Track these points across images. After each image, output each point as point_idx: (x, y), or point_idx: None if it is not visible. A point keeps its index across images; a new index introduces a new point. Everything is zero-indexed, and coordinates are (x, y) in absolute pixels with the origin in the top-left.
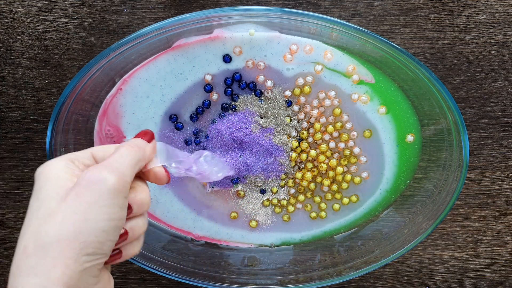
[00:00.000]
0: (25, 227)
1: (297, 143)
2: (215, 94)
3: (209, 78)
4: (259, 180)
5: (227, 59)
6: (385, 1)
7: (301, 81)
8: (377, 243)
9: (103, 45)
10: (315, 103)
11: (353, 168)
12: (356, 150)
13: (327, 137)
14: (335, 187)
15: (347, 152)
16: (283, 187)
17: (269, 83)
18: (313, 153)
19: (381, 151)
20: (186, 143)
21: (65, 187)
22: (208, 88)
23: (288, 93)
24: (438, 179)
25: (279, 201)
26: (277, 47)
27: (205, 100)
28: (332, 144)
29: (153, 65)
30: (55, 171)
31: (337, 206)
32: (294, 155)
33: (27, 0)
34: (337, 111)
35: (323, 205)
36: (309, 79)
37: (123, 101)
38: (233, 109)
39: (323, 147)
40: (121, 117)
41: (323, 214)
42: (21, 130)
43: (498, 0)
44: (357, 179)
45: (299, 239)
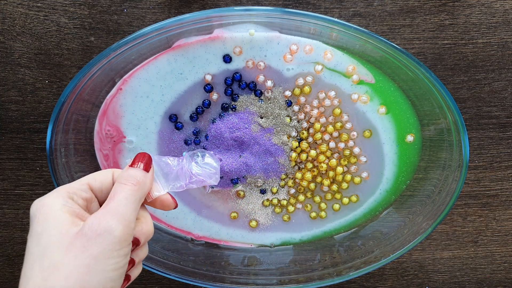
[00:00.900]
0: (27, 277)
1: (297, 143)
2: (215, 94)
3: (209, 78)
4: (259, 180)
5: (227, 59)
6: (385, 1)
7: (301, 81)
8: (377, 243)
9: (103, 45)
10: (315, 103)
11: (353, 168)
12: (356, 150)
13: (327, 137)
14: (335, 187)
15: (347, 152)
16: (283, 187)
17: (269, 83)
18: (313, 153)
19: (381, 151)
20: (186, 143)
21: (69, 234)
22: (208, 88)
23: (288, 93)
24: (438, 179)
25: (279, 201)
26: (277, 47)
27: (205, 100)
28: (332, 144)
29: (153, 65)
30: (54, 214)
31: (337, 206)
32: (294, 155)
33: (27, 0)
34: (337, 111)
35: (323, 205)
36: (309, 79)
37: (123, 101)
38: (233, 109)
39: (323, 147)
40: (121, 117)
41: (323, 214)
42: (21, 130)
43: (498, 0)
44: (357, 179)
45: (299, 239)
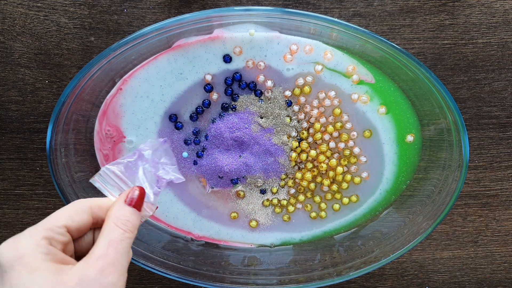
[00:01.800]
0: None
1: (297, 143)
2: (215, 94)
3: (209, 78)
4: (259, 180)
5: (227, 59)
6: (385, 1)
7: (301, 81)
8: (377, 243)
9: (103, 45)
10: (315, 103)
11: (353, 168)
12: (356, 150)
13: (327, 137)
14: (335, 187)
15: (347, 152)
16: (283, 187)
17: (269, 83)
18: (313, 153)
19: (381, 151)
20: (185, 143)
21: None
22: (208, 88)
23: (288, 93)
24: (438, 179)
25: (279, 201)
26: (277, 47)
27: (205, 99)
28: (332, 144)
29: (153, 65)
30: (39, 265)
31: (337, 206)
32: (294, 155)
33: (27, 0)
34: (337, 111)
35: (323, 205)
36: (309, 79)
37: (123, 101)
38: (233, 109)
39: (323, 147)
40: (121, 117)
41: (323, 214)
42: (21, 130)
43: (498, 0)
44: (357, 179)
45: (299, 239)
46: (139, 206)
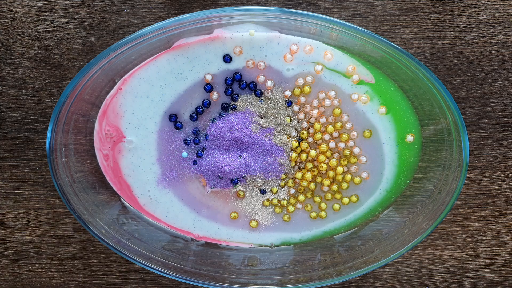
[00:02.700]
0: None
1: (297, 143)
2: (215, 93)
3: (209, 77)
4: (259, 180)
5: (227, 59)
6: (385, 1)
7: (301, 81)
8: (377, 243)
9: (103, 45)
10: (315, 103)
11: (353, 168)
12: (356, 150)
13: (327, 137)
14: (335, 187)
15: (347, 152)
16: (283, 187)
17: (269, 83)
18: (313, 153)
19: (381, 151)
20: (185, 143)
21: None
22: (208, 87)
23: (288, 93)
24: (438, 179)
25: (279, 201)
26: (277, 47)
27: (205, 99)
28: (332, 144)
29: (153, 65)
30: None
31: (337, 206)
32: (294, 155)
33: (27, 0)
34: (337, 111)
35: (323, 205)
36: (309, 79)
37: (123, 101)
38: (233, 109)
39: (323, 147)
40: (121, 117)
41: (323, 214)
42: (21, 130)
43: (498, 0)
44: (357, 179)
45: (299, 239)
46: None
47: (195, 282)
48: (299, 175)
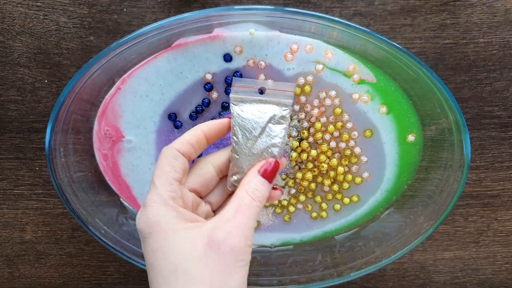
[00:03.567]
0: None
1: (298, 143)
2: (215, 93)
3: (209, 77)
4: None
5: (228, 58)
6: (386, 1)
7: (301, 81)
8: (378, 244)
9: (102, 45)
10: (316, 102)
11: (354, 168)
12: (357, 150)
13: (327, 137)
14: (336, 187)
15: (348, 152)
16: (283, 187)
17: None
18: (313, 153)
19: (382, 151)
20: None
21: (197, 246)
22: (208, 87)
23: None
24: (439, 179)
25: (279, 201)
26: (277, 46)
27: (204, 98)
28: (332, 144)
29: (153, 64)
30: (173, 227)
31: (338, 206)
32: (294, 155)
33: None
34: (338, 110)
35: (324, 205)
36: (310, 78)
37: (122, 100)
38: None
39: (324, 147)
40: (120, 117)
41: (324, 214)
42: (20, 129)
43: None
44: (358, 179)
45: (299, 240)
46: (271, 178)
47: None
48: (299, 175)
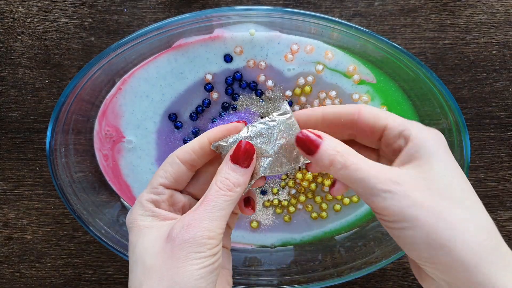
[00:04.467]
0: (130, 281)
1: None
2: (215, 93)
3: (209, 77)
4: None
5: (228, 58)
6: (386, 1)
7: (302, 81)
8: (378, 244)
9: (103, 45)
10: (316, 103)
11: None
12: None
13: None
14: None
15: None
16: (283, 187)
17: (270, 83)
18: None
19: None
20: (185, 142)
21: (158, 241)
22: (208, 87)
23: (288, 93)
24: None
25: (280, 201)
26: (278, 46)
27: (205, 99)
28: None
29: (153, 65)
30: (144, 224)
31: (338, 206)
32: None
33: (27, 0)
34: None
35: (324, 206)
36: (310, 79)
37: (123, 101)
38: (234, 109)
39: None
40: (120, 117)
41: (324, 214)
42: (21, 130)
43: (499, 0)
44: None
45: (300, 240)
46: (243, 162)
47: None
48: (299, 176)
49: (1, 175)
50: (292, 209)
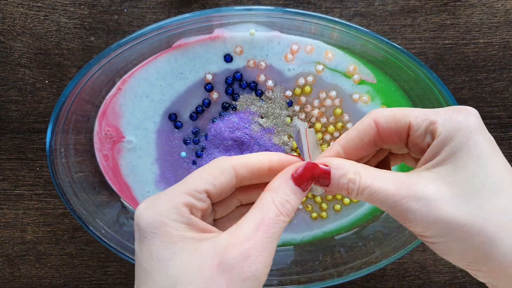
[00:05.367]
0: None
1: None
2: (215, 93)
3: (209, 77)
4: None
5: (228, 58)
6: (386, 1)
7: (302, 81)
8: (378, 244)
9: (103, 45)
10: (316, 103)
11: None
12: None
13: (328, 137)
14: None
15: None
16: None
17: (270, 83)
18: None
19: None
20: (185, 143)
21: (206, 266)
22: (208, 87)
23: (289, 93)
24: None
25: None
26: (278, 47)
27: (205, 99)
28: None
29: (153, 65)
30: (180, 235)
31: (338, 206)
32: (294, 155)
33: (27, 0)
34: (338, 111)
35: (324, 206)
36: (310, 79)
37: (123, 101)
38: (234, 109)
39: (324, 148)
40: (120, 117)
41: (324, 214)
42: (21, 130)
43: (499, 0)
44: None
45: (300, 240)
46: (306, 187)
47: None
48: None
49: (1, 175)
50: None
